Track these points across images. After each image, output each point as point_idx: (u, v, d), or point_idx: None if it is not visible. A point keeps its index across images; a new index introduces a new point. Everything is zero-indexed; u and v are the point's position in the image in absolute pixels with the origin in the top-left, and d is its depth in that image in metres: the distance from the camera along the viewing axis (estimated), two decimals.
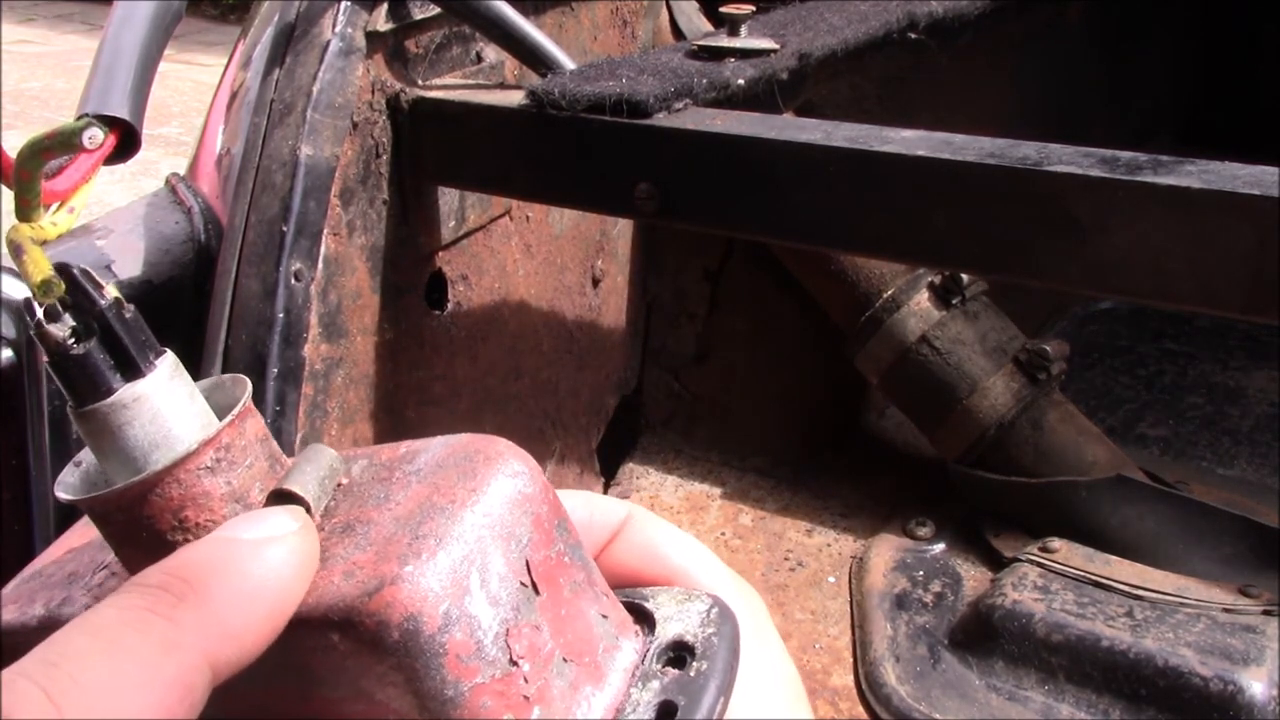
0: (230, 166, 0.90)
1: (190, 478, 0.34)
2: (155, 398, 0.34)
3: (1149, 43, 2.01)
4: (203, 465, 0.34)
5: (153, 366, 0.34)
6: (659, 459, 1.46)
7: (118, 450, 0.34)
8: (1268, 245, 0.66)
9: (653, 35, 1.31)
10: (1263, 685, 1.01)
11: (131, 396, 0.34)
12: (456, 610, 0.32)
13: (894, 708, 1.09)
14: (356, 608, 0.32)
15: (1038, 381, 1.26)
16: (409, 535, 0.33)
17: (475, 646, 0.32)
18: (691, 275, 1.47)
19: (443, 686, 0.32)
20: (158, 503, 0.33)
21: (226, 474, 0.34)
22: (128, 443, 0.34)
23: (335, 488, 0.36)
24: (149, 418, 0.34)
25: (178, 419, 0.34)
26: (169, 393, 0.34)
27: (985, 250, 0.77)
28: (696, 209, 0.85)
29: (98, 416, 0.34)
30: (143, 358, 0.34)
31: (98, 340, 0.34)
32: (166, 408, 0.34)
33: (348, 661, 0.32)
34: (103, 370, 0.34)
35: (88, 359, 0.34)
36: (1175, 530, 1.19)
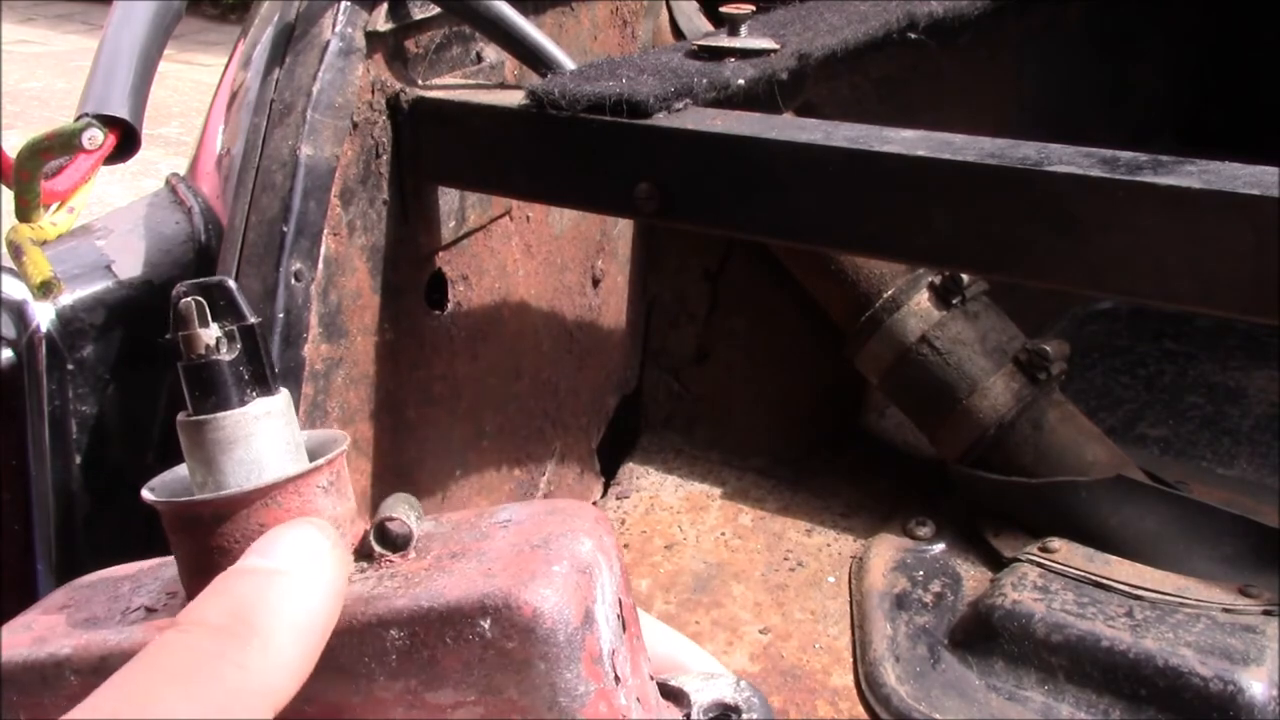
0: (230, 166, 0.90)
1: (310, 492, 0.35)
2: (281, 417, 0.36)
3: (1149, 43, 2.01)
4: (320, 484, 0.35)
5: (280, 389, 0.36)
6: (659, 459, 1.46)
7: (236, 460, 0.35)
8: (1268, 245, 0.66)
9: (653, 35, 1.31)
10: (1263, 685, 1.01)
11: (264, 410, 0.35)
12: (590, 616, 0.35)
13: (894, 708, 1.09)
14: (515, 594, 0.34)
15: (1038, 381, 1.26)
16: (540, 551, 0.35)
17: (599, 653, 0.35)
18: (691, 275, 1.47)
19: (576, 682, 0.34)
20: (275, 512, 0.35)
21: (334, 499, 0.36)
22: (249, 454, 0.35)
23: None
24: (274, 433, 0.35)
25: (294, 442, 0.36)
26: (288, 417, 0.36)
27: (985, 250, 0.77)
28: (696, 209, 0.85)
29: (226, 424, 0.35)
30: (273, 379, 0.36)
31: (242, 353, 0.36)
32: (287, 429, 0.36)
33: (488, 653, 0.34)
34: (233, 382, 0.35)
35: (230, 367, 0.36)
36: (1175, 530, 1.19)
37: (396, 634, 0.34)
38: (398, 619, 0.34)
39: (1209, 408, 1.52)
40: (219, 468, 0.35)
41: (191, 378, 0.35)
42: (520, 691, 0.34)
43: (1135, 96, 2.03)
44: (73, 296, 0.82)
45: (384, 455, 0.97)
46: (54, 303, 0.79)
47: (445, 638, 0.34)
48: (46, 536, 0.80)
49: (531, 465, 1.23)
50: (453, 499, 1.09)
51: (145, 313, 0.87)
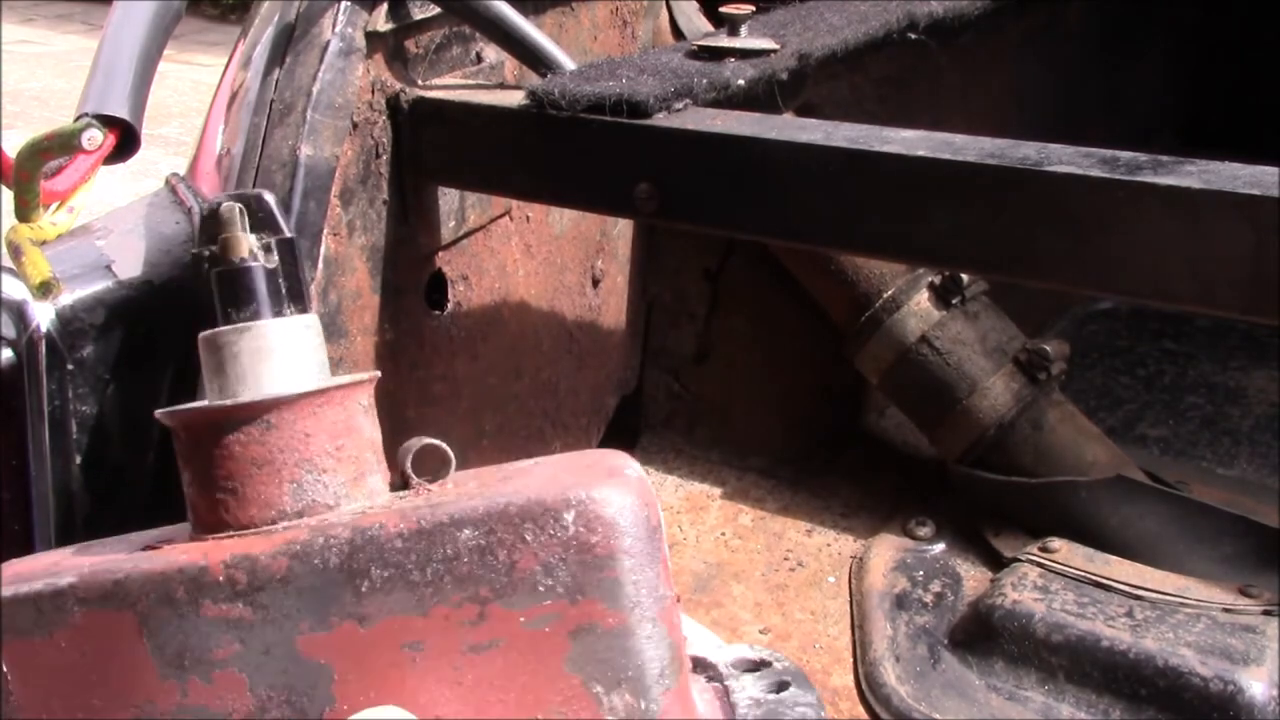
0: (230, 166, 0.90)
1: (354, 406, 0.34)
2: (318, 336, 0.35)
3: (1148, 43, 2.01)
4: (361, 401, 0.35)
5: (312, 310, 0.36)
6: (659, 459, 1.46)
7: (274, 369, 0.34)
8: (1268, 245, 0.66)
9: (653, 35, 1.31)
10: (1263, 685, 1.01)
11: (303, 324, 0.35)
12: (660, 521, 0.34)
13: (894, 708, 1.09)
14: (598, 489, 0.33)
15: (1038, 381, 1.26)
16: (598, 466, 0.34)
17: (666, 566, 0.34)
18: (691, 275, 1.47)
19: (658, 582, 0.33)
20: (319, 421, 0.33)
21: (372, 420, 0.35)
22: (287, 364, 0.34)
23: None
24: (310, 350, 0.35)
25: (325, 365, 0.35)
26: (321, 340, 0.36)
27: (985, 250, 0.77)
28: (696, 209, 0.85)
29: (267, 332, 0.34)
30: (308, 297, 0.36)
31: (280, 264, 0.35)
32: (320, 350, 0.35)
33: (569, 551, 0.33)
34: (278, 293, 0.35)
35: (269, 276, 0.35)
36: (1175, 530, 1.19)
37: (471, 534, 0.33)
38: (473, 517, 0.33)
39: (1209, 408, 1.51)
40: (256, 377, 0.34)
41: (229, 284, 0.34)
42: (603, 592, 0.32)
43: (1135, 96, 2.03)
44: (73, 296, 0.82)
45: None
46: (54, 303, 0.79)
47: (525, 535, 0.32)
48: (47, 536, 0.80)
49: None
50: None
51: (145, 313, 0.87)
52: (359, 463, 0.34)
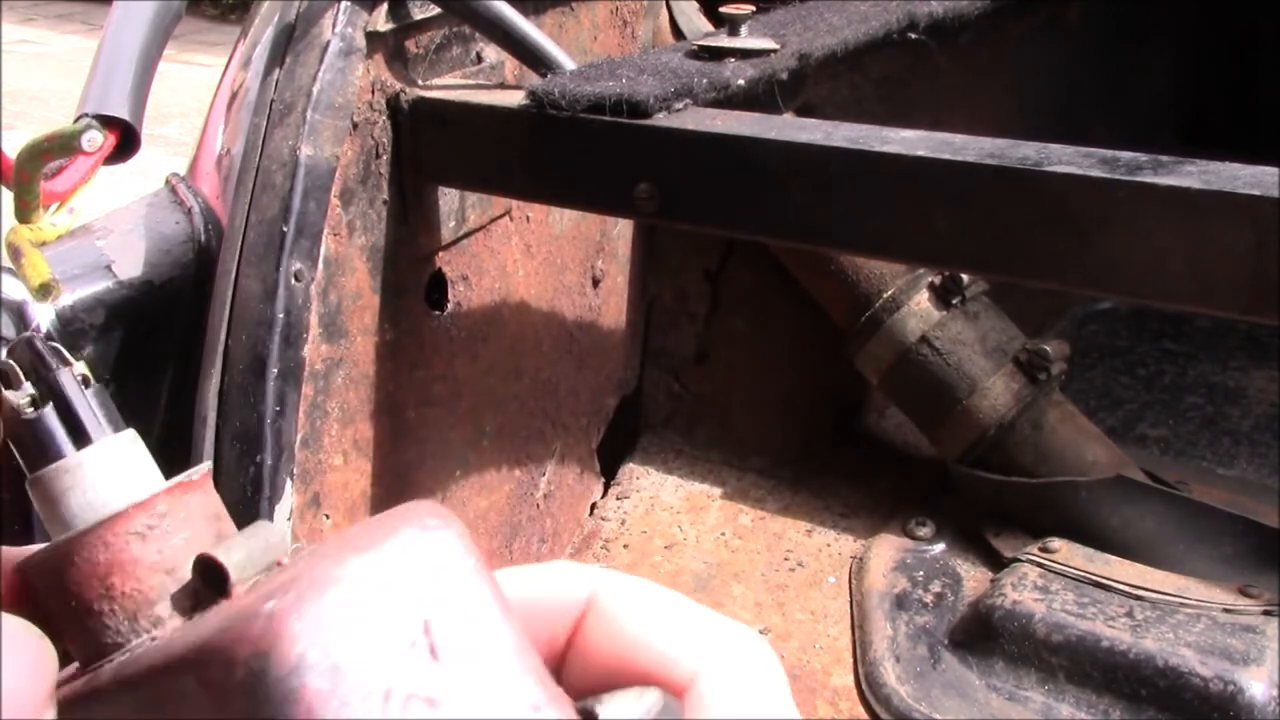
0: (230, 166, 0.90)
1: (119, 541, 0.32)
2: (101, 466, 0.33)
3: (1149, 43, 2.01)
4: (131, 530, 0.32)
5: (104, 434, 0.34)
6: (659, 459, 1.46)
7: (60, 517, 0.33)
8: (1268, 245, 0.66)
9: (653, 35, 1.31)
10: (1263, 685, 1.01)
11: (76, 462, 0.33)
12: (316, 656, 0.28)
13: (894, 708, 1.09)
14: (208, 644, 0.29)
15: (1038, 381, 1.26)
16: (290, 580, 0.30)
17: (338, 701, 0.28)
18: (691, 275, 1.47)
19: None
20: (85, 567, 0.32)
21: (159, 543, 0.32)
22: (68, 509, 0.33)
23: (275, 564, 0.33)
24: (90, 485, 0.33)
25: (120, 489, 0.33)
26: (117, 463, 0.33)
27: (985, 250, 0.77)
28: (696, 209, 0.85)
29: (43, 482, 0.33)
30: (94, 427, 0.34)
31: (53, 408, 0.34)
32: (111, 477, 0.33)
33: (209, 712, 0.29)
34: (54, 437, 0.34)
35: (38, 424, 0.34)
36: (1175, 530, 1.19)
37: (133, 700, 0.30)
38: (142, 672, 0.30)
39: (1209, 408, 1.52)
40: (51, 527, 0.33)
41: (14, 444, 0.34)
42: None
43: (1135, 96, 2.03)
44: (72, 297, 0.82)
45: (384, 455, 0.97)
46: (54, 303, 0.80)
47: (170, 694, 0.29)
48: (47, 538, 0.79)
49: (531, 466, 1.23)
50: (453, 499, 1.09)
51: (145, 313, 0.87)
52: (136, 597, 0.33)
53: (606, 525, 1.36)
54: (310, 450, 0.87)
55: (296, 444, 0.84)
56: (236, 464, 0.81)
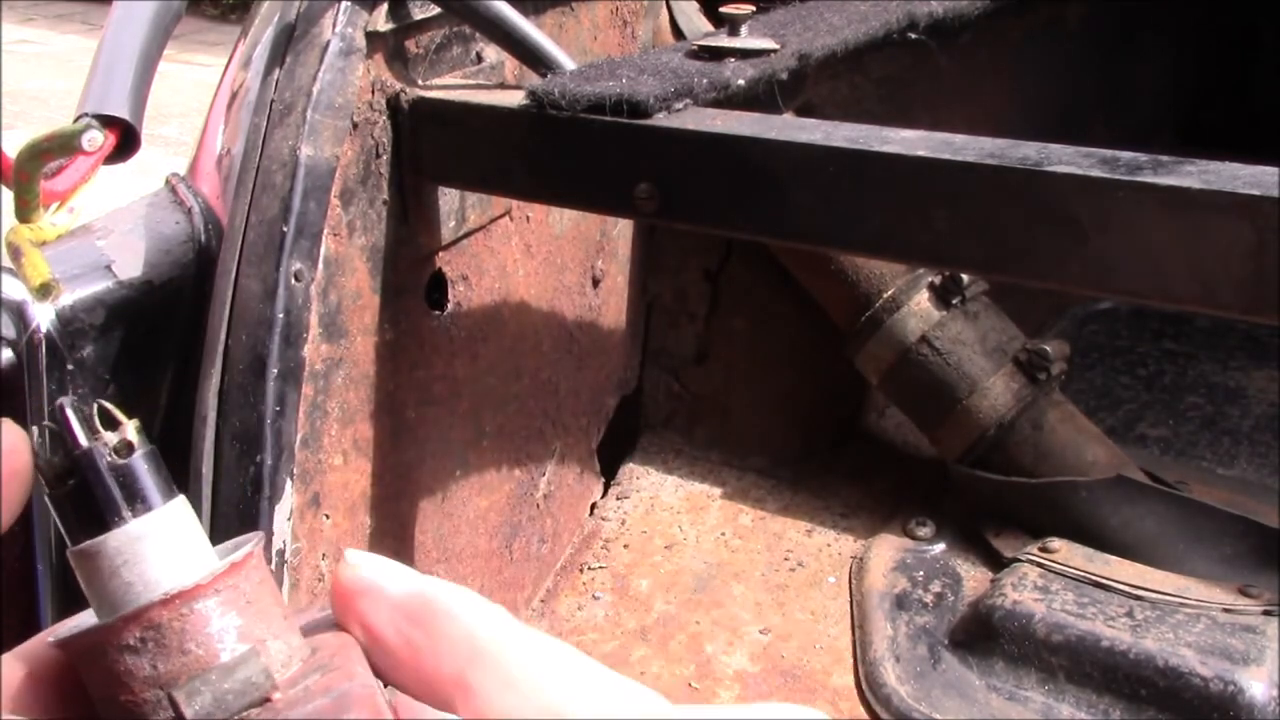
0: (230, 166, 0.90)
1: (116, 652, 0.31)
2: (149, 541, 0.32)
3: (1148, 43, 2.01)
4: (125, 643, 0.31)
5: (153, 505, 0.32)
6: (659, 459, 1.46)
7: (104, 594, 0.32)
8: (1268, 245, 0.66)
9: (653, 35, 1.31)
10: (1263, 685, 1.01)
11: (123, 538, 0.31)
12: None
13: (894, 708, 1.09)
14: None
15: (1038, 381, 1.26)
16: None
17: None
18: (691, 275, 1.47)
19: None
20: (89, 670, 0.31)
21: (155, 656, 0.31)
22: (113, 589, 0.31)
23: (260, 703, 0.32)
24: (138, 561, 0.31)
25: (170, 566, 0.32)
26: (166, 538, 0.32)
27: (985, 250, 0.77)
28: (696, 209, 0.85)
29: (86, 555, 0.32)
30: (142, 496, 0.32)
31: (98, 475, 0.32)
32: (160, 553, 0.32)
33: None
34: (98, 507, 0.31)
35: (81, 491, 0.33)
36: (1175, 530, 1.19)
37: None
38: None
39: (1209, 408, 1.52)
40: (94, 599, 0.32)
41: (54, 509, 0.33)
42: None
43: (1135, 96, 2.03)
44: (72, 297, 0.82)
45: (384, 455, 0.97)
46: (54, 303, 0.79)
47: None
48: (46, 538, 0.80)
49: (531, 465, 1.23)
50: (453, 499, 1.09)
51: (145, 313, 0.87)
52: (130, 708, 0.33)
53: (606, 525, 1.36)
54: (310, 450, 0.87)
55: (296, 444, 0.84)
56: (236, 464, 0.81)
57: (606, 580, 1.28)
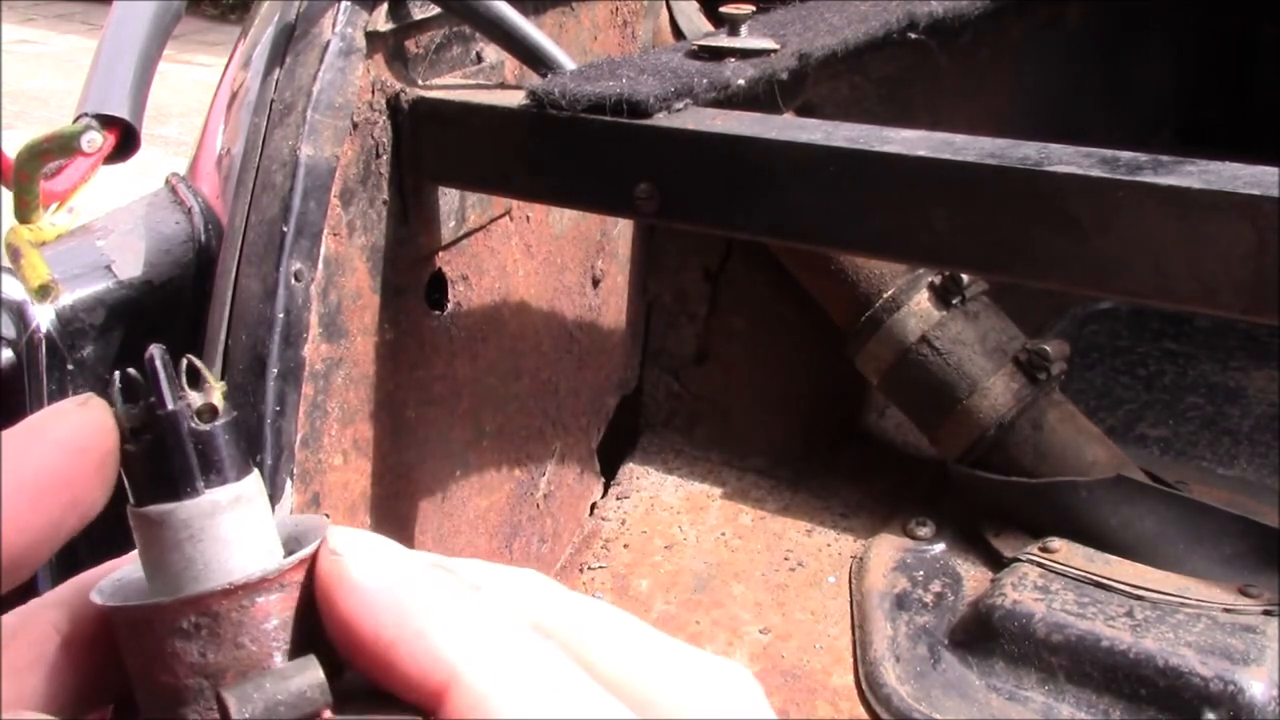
0: (230, 166, 0.90)
1: (166, 633, 0.29)
2: (220, 518, 0.30)
3: (1149, 43, 2.01)
4: (178, 625, 0.29)
5: (228, 478, 0.30)
6: (659, 459, 1.46)
7: (163, 566, 0.30)
8: (1268, 245, 0.66)
9: (653, 35, 1.31)
10: (1263, 685, 1.01)
11: (194, 510, 0.30)
12: None
13: (894, 708, 1.09)
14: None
15: (1038, 381, 1.26)
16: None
17: None
18: (691, 275, 1.47)
19: None
20: (129, 640, 0.30)
21: (206, 644, 0.29)
22: (176, 561, 0.30)
23: (311, 718, 0.30)
24: (206, 539, 0.30)
25: (237, 550, 0.30)
26: (236, 517, 0.30)
27: (985, 250, 0.77)
28: (696, 209, 0.85)
29: (150, 520, 0.30)
30: (218, 467, 0.30)
31: (176, 437, 0.30)
32: (228, 532, 0.30)
33: None
34: (172, 470, 0.29)
35: (155, 452, 0.31)
36: (1175, 530, 1.19)
37: None
38: None
39: (1209, 408, 1.52)
40: (151, 567, 0.30)
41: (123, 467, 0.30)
42: None
43: (1135, 96, 2.03)
44: (72, 297, 0.82)
45: (384, 455, 0.97)
46: (53, 304, 0.80)
47: None
48: None
49: (531, 465, 1.23)
50: (453, 499, 1.09)
51: (145, 313, 0.87)
52: (169, 688, 0.31)
53: (606, 525, 1.36)
54: (310, 450, 0.87)
55: (296, 444, 0.84)
56: None
57: (606, 580, 1.28)
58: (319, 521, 0.32)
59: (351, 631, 0.28)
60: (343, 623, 0.29)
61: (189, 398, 0.30)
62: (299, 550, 0.30)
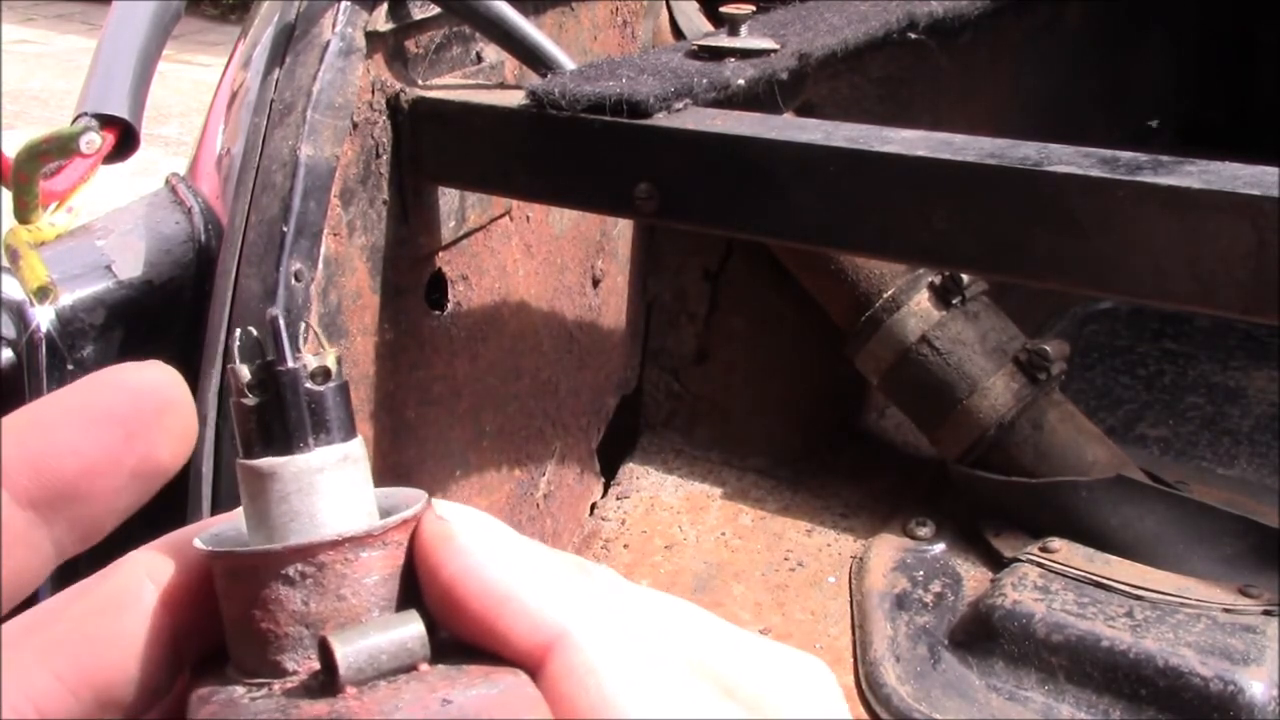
0: (230, 166, 0.90)
1: (270, 578, 0.30)
2: (327, 475, 0.31)
3: (1149, 42, 2.01)
4: (283, 572, 0.30)
5: (337, 438, 0.31)
6: (659, 459, 1.46)
7: (270, 517, 0.30)
8: (1268, 245, 0.66)
9: (653, 35, 1.31)
10: (1263, 685, 1.01)
11: (303, 464, 0.30)
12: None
13: (894, 708, 1.09)
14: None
15: (1038, 381, 1.26)
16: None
17: None
18: (691, 275, 1.47)
19: None
20: (230, 586, 0.30)
21: (309, 593, 0.30)
22: (284, 512, 0.30)
23: (408, 668, 0.30)
24: (313, 493, 0.30)
25: (343, 506, 0.31)
26: (343, 476, 0.31)
27: (985, 250, 0.77)
28: (696, 209, 0.85)
29: (259, 472, 0.30)
30: (330, 427, 0.31)
31: (291, 395, 0.30)
32: (334, 489, 0.31)
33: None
34: (286, 426, 0.30)
35: (271, 407, 0.32)
36: (1175, 530, 1.19)
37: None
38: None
39: (1209, 408, 1.52)
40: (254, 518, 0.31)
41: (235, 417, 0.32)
42: None
43: (1135, 97, 2.03)
44: (72, 297, 0.82)
45: (384, 455, 0.97)
46: (53, 305, 0.79)
47: None
48: None
49: (531, 465, 1.23)
50: (453, 499, 1.09)
51: (145, 313, 0.87)
52: (269, 637, 0.32)
53: (606, 525, 1.36)
54: None
55: None
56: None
57: None
58: (417, 494, 0.32)
59: (457, 589, 0.28)
60: (448, 581, 0.29)
61: (304, 359, 0.31)
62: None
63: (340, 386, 0.31)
